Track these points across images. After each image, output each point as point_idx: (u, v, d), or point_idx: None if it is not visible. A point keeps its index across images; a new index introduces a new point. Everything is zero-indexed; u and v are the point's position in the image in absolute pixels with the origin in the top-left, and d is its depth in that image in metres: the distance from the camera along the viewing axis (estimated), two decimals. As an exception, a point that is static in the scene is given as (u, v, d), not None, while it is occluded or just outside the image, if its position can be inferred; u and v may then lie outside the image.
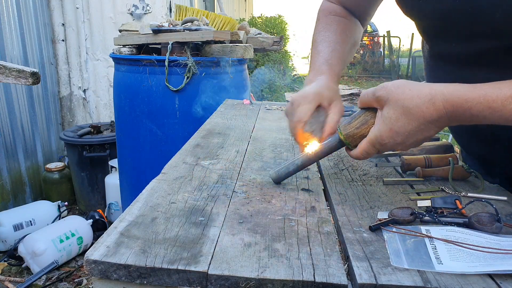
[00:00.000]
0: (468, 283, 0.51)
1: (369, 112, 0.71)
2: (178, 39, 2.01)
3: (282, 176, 0.82)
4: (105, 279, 0.54)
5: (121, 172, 2.46)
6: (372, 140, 0.69)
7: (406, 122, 0.64)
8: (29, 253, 2.30)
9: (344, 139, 0.73)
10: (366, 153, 0.71)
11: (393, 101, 0.65)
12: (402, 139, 0.66)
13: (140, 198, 0.74)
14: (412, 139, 0.66)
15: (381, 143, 0.68)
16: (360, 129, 0.72)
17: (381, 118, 0.68)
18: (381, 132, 0.67)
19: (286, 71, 8.61)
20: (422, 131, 0.65)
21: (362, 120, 0.72)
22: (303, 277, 0.51)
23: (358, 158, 0.73)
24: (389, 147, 0.69)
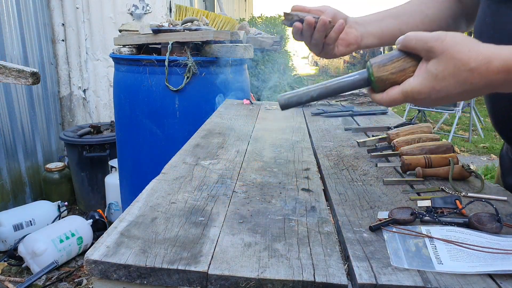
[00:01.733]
0: (468, 283, 0.51)
1: (410, 59, 0.63)
2: (178, 39, 2.01)
3: (293, 103, 0.72)
4: (105, 279, 0.54)
5: (121, 172, 2.46)
6: (407, 92, 0.62)
7: (452, 85, 0.59)
8: (29, 253, 2.29)
9: (374, 80, 0.65)
10: (393, 102, 0.65)
11: (446, 58, 0.59)
12: (438, 98, 0.61)
13: (140, 198, 0.74)
14: (448, 101, 0.62)
15: (414, 97, 0.62)
16: (395, 75, 0.64)
17: (425, 71, 0.61)
18: (421, 87, 0.61)
19: (286, 71, 8.60)
20: (461, 95, 0.60)
21: (400, 66, 0.64)
22: (303, 277, 0.51)
23: (380, 103, 0.68)
24: (419, 102, 0.64)
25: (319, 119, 1.47)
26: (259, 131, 1.26)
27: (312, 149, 1.09)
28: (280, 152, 1.05)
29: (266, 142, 1.15)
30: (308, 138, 1.21)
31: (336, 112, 1.53)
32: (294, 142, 1.15)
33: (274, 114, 1.55)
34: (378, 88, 0.66)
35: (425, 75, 0.61)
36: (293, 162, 0.98)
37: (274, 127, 1.33)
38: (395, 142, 1.00)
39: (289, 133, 1.25)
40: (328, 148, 1.09)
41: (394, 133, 1.06)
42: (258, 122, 1.39)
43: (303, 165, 0.95)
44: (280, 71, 7.34)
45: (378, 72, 0.65)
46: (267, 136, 1.21)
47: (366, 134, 1.24)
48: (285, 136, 1.22)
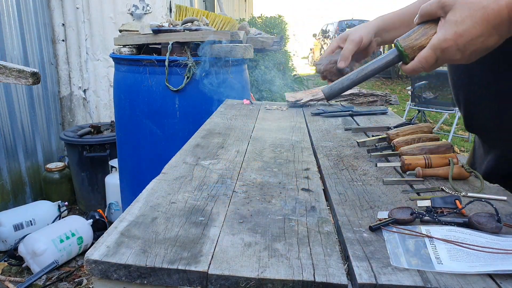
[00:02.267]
0: (468, 283, 0.51)
1: (429, 25, 0.71)
2: (178, 39, 2.01)
3: (336, 92, 0.80)
4: (105, 279, 0.54)
5: (121, 172, 2.46)
6: (435, 45, 0.68)
7: (471, 25, 0.64)
8: (29, 253, 2.30)
9: (402, 51, 0.73)
10: (425, 61, 0.70)
11: (460, 5, 0.65)
12: (464, 44, 0.65)
13: (140, 198, 0.74)
14: (473, 46, 0.65)
15: (442, 48, 0.67)
16: (419, 40, 0.71)
17: (445, 23, 0.67)
18: (445, 36, 0.66)
19: (286, 71, 8.60)
20: (484, 38, 0.64)
21: (422, 32, 0.71)
22: (303, 277, 0.51)
23: (415, 69, 0.73)
24: (450, 54, 0.68)
25: (319, 119, 1.47)
26: (259, 131, 1.27)
27: (312, 149, 1.09)
28: (280, 152, 1.05)
29: (266, 142, 1.15)
30: (308, 138, 1.21)
31: (336, 112, 1.53)
32: (294, 142, 1.16)
33: (274, 114, 1.55)
34: (408, 57, 0.73)
35: (446, 25, 0.67)
36: (293, 162, 0.98)
37: (274, 127, 1.33)
38: (395, 142, 1.00)
39: (289, 133, 1.26)
40: (328, 148, 1.09)
41: (394, 133, 1.06)
42: (258, 122, 1.39)
43: (303, 165, 0.95)
44: (280, 71, 7.34)
45: (405, 42, 0.73)
46: (267, 136, 1.21)
47: (366, 134, 1.24)
48: (285, 136, 1.22)
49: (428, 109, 5.44)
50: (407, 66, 0.74)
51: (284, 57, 8.31)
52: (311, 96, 1.68)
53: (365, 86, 10.67)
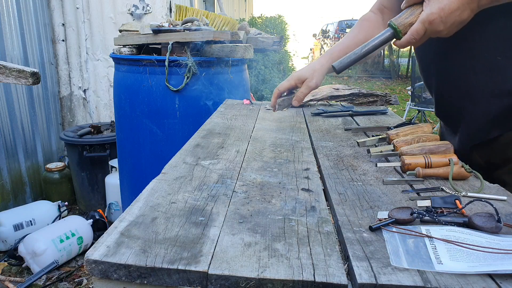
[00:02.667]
0: (468, 283, 0.51)
1: (414, 7, 0.87)
2: (178, 39, 2.01)
3: (345, 65, 0.93)
4: (105, 279, 0.54)
5: (121, 172, 2.46)
6: (424, 19, 0.83)
7: (449, 1, 0.80)
8: (29, 253, 2.30)
9: (396, 28, 0.87)
10: (416, 33, 0.85)
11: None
12: (446, 15, 0.81)
13: (140, 198, 0.74)
14: (452, 19, 0.81)
15: (430, 21, 0.82)
16: (409, 19, 0.86)
17: (429, 2, 0.83)
18: (432, 10, 0.82)
19: (286, 71, 8.60)
20: (460, 11, 0.81)
21: (410, 12, 0.87)
22: (303, 277, 0.51)
23: (409, 41, 0.87)
24: (435, 25, 0.83)
25: (319, 119, 1.47)
26: (259, 131, 1.27)
27: (312, 149, 1.09)
28: (280, 152, 1.05)
29: (266, 142, 1.15)
30: (308, 138, 1.21)
31: (336, 112, 1.53)
32: (294, 142, 1.16)
33: (274, 114, 1.55)
34: (401, 32, 0.88)
35: (431, 3, 0.83)
36: (293, 162, 0.98)
37: (274, 127, 1.33)
38: (395, 142, 1.00)
39: (289, 133, 1.26)
40: (328, 148, 1.09)
41: (394, 133, 1.06)
42: (258, 122, 1.39)
43: (303, 165, 0.95)
44: (280, 71, 7.33)
45: (397, 21, 0.88)
46: (267, 136, 1.21)
47: (366, 134, 1.24)
48: (285, 136, 1.22)
49: (428, 109, 5.43)
50: (401, 40, 0.88)
51: (284, 57, 8.31)
52: (311, 96, 1.68)
53: (365, 86, 10.66)
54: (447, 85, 1.07)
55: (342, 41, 1.22)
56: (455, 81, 1.03)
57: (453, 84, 1.04)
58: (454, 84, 1.04)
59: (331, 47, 1.27)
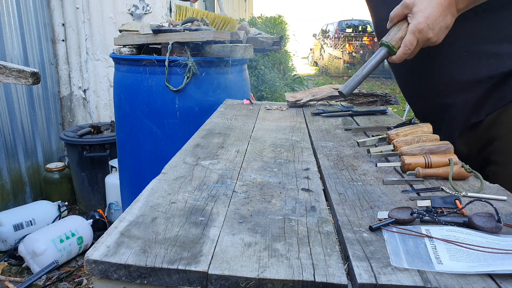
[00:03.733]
0: (468, 283, 0.51)
1: (401, 22, 0.93)
2: (178, 39, 2.01)
3: (351, 87, 0.98)
4: (105, 279, 0.54)
5: (121, 172, 2.46)
6: (413, 30, 0.89)
7: (432, 9, 0.87)
8: (29, 253, 2.30)
9: (389, 44, 0.93)
10: (410, 43, 0.90)
11: (418, 0, 0.88)
12: (432, 23, 0.87)
13: (140, 198, 0.74)
14: (438, 25, 0.88)
15: (419, 30, 0.88)
16: (398, 34, 0.92)
17: (413, 14, 0.89)
18: (418, 20, 0.87)
19: (286, 71, 8.60)
20: (442, 17, 0.87)
21: (397, 29, 0.93)
22: (303, 277, 0.51)
23: (405, 53, 0.92)
24: (425, 33, 0.88)
25: (319, 119, 1.47)
26: (259, 131, 1.27)
27: (312, 149, 1.09)
28: (280, 152, 1.05)
29: (266, 142, 1.15)
30: (308, 138, 1.21)
31: (336, 112, 1.53)
32: (294, 142, 1.16)
33: (274, 114, 1.55)
34: (395, 47, 0.93)
35: (415, 15, 0.89)
36: (293, 162, 0.98)
37: (274, 127, 1.33)
38: (395, 142, 1.00)
39: (289, 133, 1.26)
40: (328, 148, 1.09)
41: (394, 133, 1.06)
42: (258, 122, 1.39)
43: (303, 165, 0.95)
44: (280, 71, 7.33)
45: (388, 38, 0.94)
46: (267, 136, 1.21)
47: (366, 134, 1.24)
48: (285, 136, 1.22)
49: (428, 109, 5.42)
50: (397, 54, 0.93)
51: (284, 57, 8.31)
52: (311, 96, 1.68)
53: (365, 86, 10.67)
54: (425, 86, 1.13)
55: None
56: (431, 80, 1.10)
57: (430, 84, 1.11)
58: (431, 83, 1.10)
59: None
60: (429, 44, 0.91)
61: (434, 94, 1.11)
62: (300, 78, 9.01)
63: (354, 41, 14.24)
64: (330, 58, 14.57)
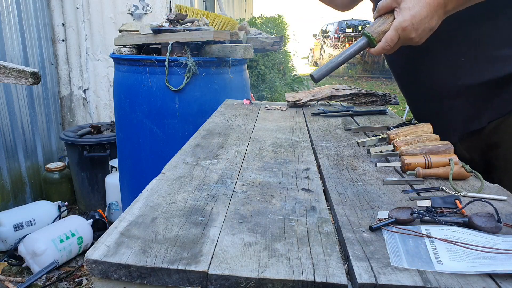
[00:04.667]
0: (468, 283, 0.51)
1: (387, 15, 0.90)
2: (178, 39, 2.01)
3: (323, 73, 0.97)
4: (105, 279, 0.54)
5: (121, 172, 2.46)
6: (397, 26, 0.86)
7: (420, 9, 0.84)
8: (29, 253, 2.30)
9: (370, 36, 0.91)
10: (390, 39, 0.88)
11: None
12: (417, 22, 0.84)
13: (140, 198, 0.74)
14: (423, 25, 0.85)
15: (403, 27, 0.85)
16: (382, 27, 0.90)
17: (400, 10, 0.86)
18: (404, 17, 0.85)
19: (286, 71, 8.60)
20: (428, 18, 0.84)
21: (382, 21, 0.90)
22: (303, 277, 0.51)
23: (383, 48, 0.90)
24: (408, 32, 0.86)
25: (319, 119, 1.47)
26: (259, 131, 1.27)
27: (312, 149, 1.09)
28: (280, 152, 1.05)
29: (266, 142, 1.15)
30: (308, 138, 1.21)
31: (336, 112, 1.53)
32: (294, 142, 1.16)
33: (274, 114, 1.55)
34: (375, 40, 0.91)
35: (402, 11, 0.86)
36: (293, 162, 0.98)
37: (274, 127, 1.33)
38: (395, 142, 1.00)
39: (289, 133, 1.26)
40: (328, 148, 1.09)
41: (394, 133, 1.06)
42: (258, 122, 1.39)
43: (303, 165, 0.95)
44: (280, 71, 7.33)
45: (371, 29, 0.92)
46: (267, 136, 1.21)
47: (366, 134, 1.24)
48: (285, 136, 1.22)
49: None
50: (375, 47, 0.91)
51: (284, 57, 8.30)
52: (311, 96, 1.68)
53: (365, 86, 10.66)
54: (423, 87, 1.11)
55: None
56: (430, 82, 1.09)
57: (428, 85, 1.10)
58: (430, 85, 1.09)
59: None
60: (410, 43, 0.90)
61: (433, 96, 1.10)
62: (300, 78, 9.01)
63: (354, 41, 14.23)
64: (330, 58, 14.56)
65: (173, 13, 2.14)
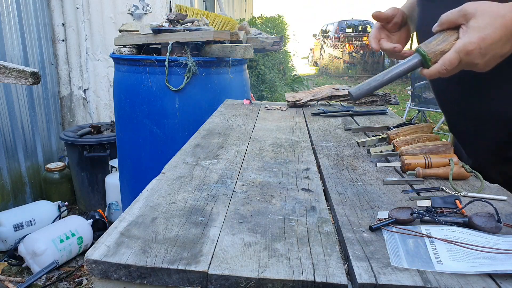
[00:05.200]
0: (468, 283, 0.51)
1: (449, 32, 0.75)
2: (178, 39, 2.01)
3: (364, 92, 0.83)
4: (106, 279, 0.54)
5: (121, 172, 2.46)
6: (460, 48, 0.71)
7: (492, 31, 0.69)
8: (29, 253, 2.30)
9: (425, 55, 0.76)
10: (449, 63, 0.73)
11: (481, 13, 0.70)
12: (486, 47, 0.70)
13: (140, 198, 0.74)
14: (493, 51, 0.70)
15: (467, 51, 0.71)
16: (441, 46, 0.75)
17: (467, 29, 0.71)
18: (471, 39, 0.70)
19: (286, 71, 8.60)
20: (502, 42, 0.70)
21: (443, 39, 0.75)
22: (303, 277, 0.51)
23: (439, 72, 0.75)
24: (473, 57, 0.71)
25: (319, 119, 1.47)
26: (259, 131, 1.27)
27: (312, 149, 1.09)
28: (280, 152, 1.05)
29: (266, 142, 1.15)
30: (308, 138, 1.21)
31: (336, 112, 1.53)
32: (294, 142, 1.16)
33: (274, 114, 1.55)
34: (431, 61, 0.76)
35: (469, 31, 0.71)
36: (293, 162, 0.98)
37: (274, 127, 1.33)
38: (395, 142, 1.00)
39: (289, 133, 1.26)
40: (328, 148, 1.09)
41: (394, 133, 1.06)
42: (258, 122, 1.39)
43: (303, 165, 0.95)
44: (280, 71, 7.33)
45: (427, 47, 0.76)
46: (267, 136, 1.21)
47: (366, 134, 1.24)
48: (285, 136, 1.22)
49: (428, 109, 5.43)
50: (429, 69, 0.76)
51: (284, 57, 8.30)
52: (311, 96, 1.68)
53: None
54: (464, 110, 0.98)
55: None
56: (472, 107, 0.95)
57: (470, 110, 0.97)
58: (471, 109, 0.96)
59: None
60: (473, 69, 0.75)
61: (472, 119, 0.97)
62: (300, 78, 9.01)
63: (354, 41, 14.24)
64: (330, 58, 14.57)
65: (173, 13, 2.14)
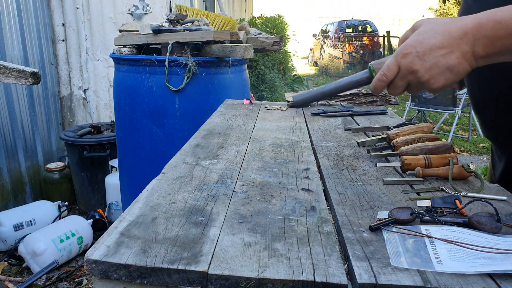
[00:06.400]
0: (468, 283, 0.51)
1: None
2: (178, 39, 2.01)
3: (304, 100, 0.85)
4: (106, 279, 0.54)
5: (121, 172, 2.46)
6: (396, 52, 0.70)
7: (431, 35, 0.66)
8: (29, 253, 2.30)
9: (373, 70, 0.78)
10: (387, 68, 0.71)
11: (427, 22, 0.70)
12: (424, 51, 0.66)
13: (140, 198, 0.74)
14: (433, 58, 0.66)
15: (403, 53, 0.69)
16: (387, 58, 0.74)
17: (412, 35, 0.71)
18: (407, 42, 0.69)
19: (286, 71, 8.61)
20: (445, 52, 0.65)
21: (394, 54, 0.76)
22: (303, 277, 0.51)
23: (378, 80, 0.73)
24: (409, 60, 0.68)
25: (319, 119, 1.47)
26: (259, 131, 1.27)
27: (312, 149, 1.09)
28: (280, 152, 1.05)
29: (266, 142, 1.15)
30: (308, 138, 1.21)
31: (336, 112, 1.53)
32: (294, 142, 1.16)
33: (274, 114, 1.55)
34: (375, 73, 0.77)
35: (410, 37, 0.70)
36: (293, 162, 0.98)
37: (274, 127, 1.33)
38: (395, 142, 1.00)
39: (289, 133, 1.26)
40: (328, 148, 1.09)
41: (394, 133, 1.06)
42: (258, 122, 1.39)
43: (303, 165, 0.95)
44: (280, 71, 7.33)
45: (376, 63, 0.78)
46: (267, 136, 1.21)
47: (366, 134, 1.24)
48: (285, 136, 1.22)
49: (428, 109, 5.44)
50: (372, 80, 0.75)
51: (284, 57, 8.31)
52: (311, 96, 1.68)
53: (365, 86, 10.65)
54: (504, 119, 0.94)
55: None
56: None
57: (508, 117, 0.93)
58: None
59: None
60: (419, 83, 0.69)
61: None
62: (300, 78, 9.01)
63: (354, 41, 14.24)
64: (330, 58, 14.57)
65: (173, 13, 2.14)
